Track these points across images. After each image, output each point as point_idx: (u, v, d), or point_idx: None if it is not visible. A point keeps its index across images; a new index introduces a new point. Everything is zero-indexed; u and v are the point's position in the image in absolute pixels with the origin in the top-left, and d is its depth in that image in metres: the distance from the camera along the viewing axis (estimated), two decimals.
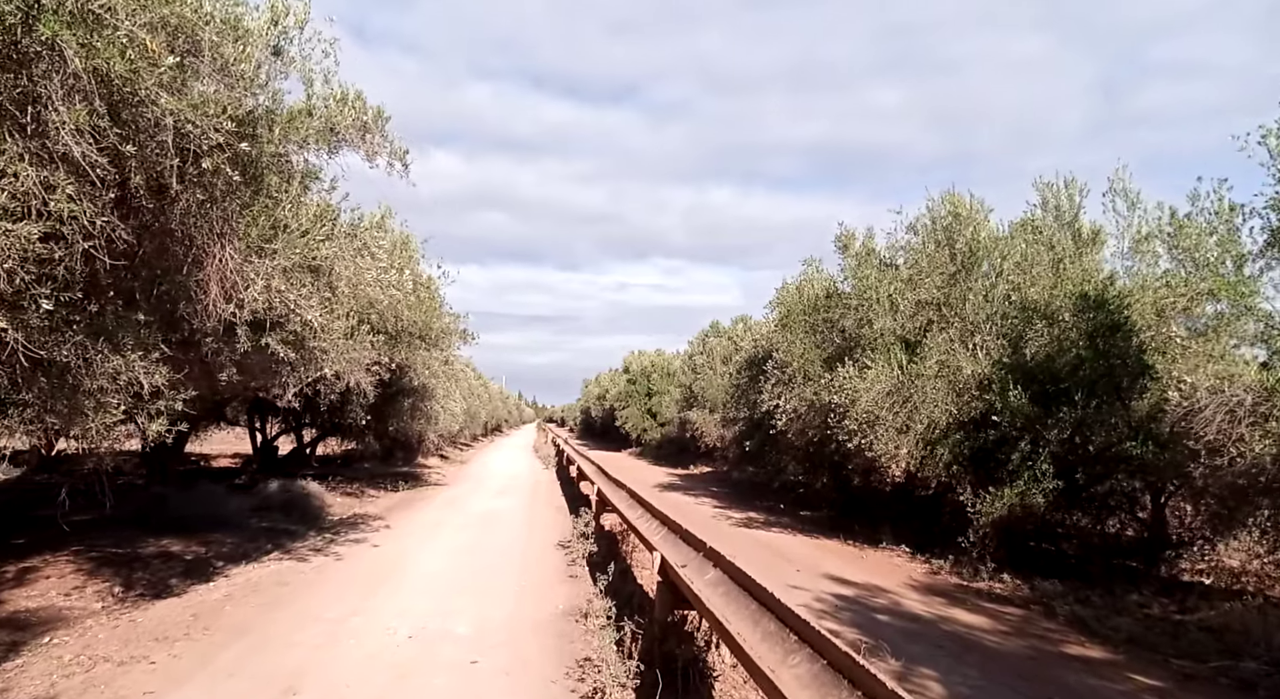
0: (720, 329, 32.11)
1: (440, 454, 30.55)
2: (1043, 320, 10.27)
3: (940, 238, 11.25)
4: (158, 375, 5.65)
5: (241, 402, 17.71)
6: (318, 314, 6.13)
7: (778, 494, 18.46)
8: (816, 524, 13.91)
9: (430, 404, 20.70)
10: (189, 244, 5.77)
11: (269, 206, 5.90)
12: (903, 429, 10.64)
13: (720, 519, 14.39)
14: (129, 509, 12.06)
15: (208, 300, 5.86)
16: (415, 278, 15.41)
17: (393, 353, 14.58)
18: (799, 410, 13.58)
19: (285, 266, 5.98)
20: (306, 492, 14.53)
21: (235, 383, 8.04)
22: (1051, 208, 11.11)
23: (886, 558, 10.86)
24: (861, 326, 13.16)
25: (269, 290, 5.83)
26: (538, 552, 10.22)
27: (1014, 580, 9.00)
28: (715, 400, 27.15)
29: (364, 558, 9.66)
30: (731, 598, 4.62)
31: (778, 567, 9.69)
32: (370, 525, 12.51)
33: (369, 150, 6.85)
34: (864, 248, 14.48)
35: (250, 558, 9.57)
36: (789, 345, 14.48)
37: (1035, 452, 9.33)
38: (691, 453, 29.79)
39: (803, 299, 14.95)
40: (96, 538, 10.14)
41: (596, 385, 59.12)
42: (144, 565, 8.72)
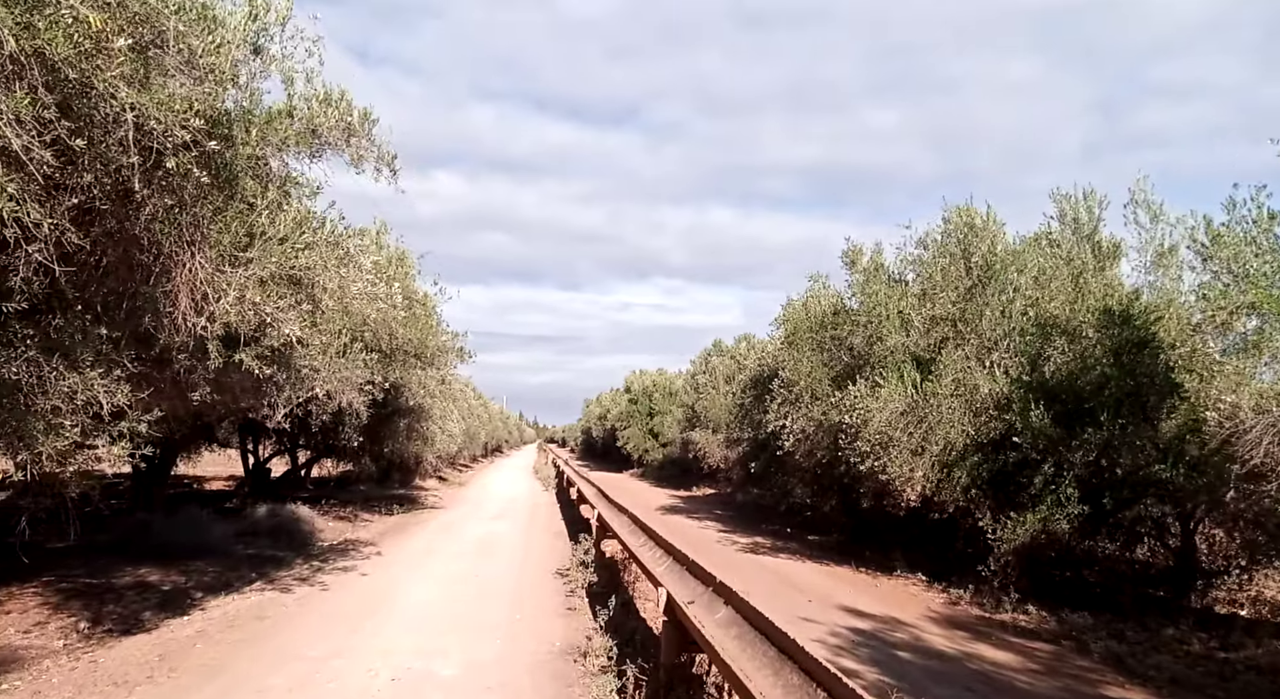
0: (723, 348, 31.65)
1: (438, 476, 29.98)
2: (1063, 337, 9.82)
3: (955, 251, 10.82)
4: (120, 394, 5.20)
5: (232, 423, 17.24)
6: (297, 328, 5.68)
7: (784, 517, 17.93)
8: (826, 549, 13.38)
9: (427, 425, 20.20)
10: (156, 252, 5.34)
11: (244, 212, 5.48)
12: (917, 451, 10.15)
13: (725, 544, 13.86)
14: (109, 536, 11.58)
15: (177, 313, 5.42)
16: (411, 294, 15.00)
17: (387, 372, 14.15)
18: (807, 431, 13.09)
19: (261, 277, 5.54)
20: (296, 516, 14.03)
21: (214, 402, 7.58)
22: (1069, 220, 10.70)
23: (901, 586, 10.33)
24: (871, 344, 12.72)
25: (243, 302, 5.38)
26: (534, 581, 9.70)
27: (1039, 612, 8.48)
28: (719, 420, 26.64)
29: (351, 588, 9.15)
30: (746, 642, 4.13)
31: (788, 597, 9.17)
32: (360, 552, 11.99)
33: (355, 155, 6.44)
34: (872, 263, 14.06)
35: (231, 588, 9.07)
36: (795, 363, 14.02)
37: (1060, 475, 8.84)
38: (694, 474, 29.23)
39: (809, 316, 14.51)
40: (72, 567, 9.65)
41: (598, 405, 58.56)
42: (116, 597, 8.21)
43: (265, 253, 5.50)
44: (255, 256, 5.49)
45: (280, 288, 5.64)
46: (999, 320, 10.21)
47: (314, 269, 5.84)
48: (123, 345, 5.73)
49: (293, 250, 5.61)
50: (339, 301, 6.90)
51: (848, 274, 14.55)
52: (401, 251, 15.61)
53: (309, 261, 5.72)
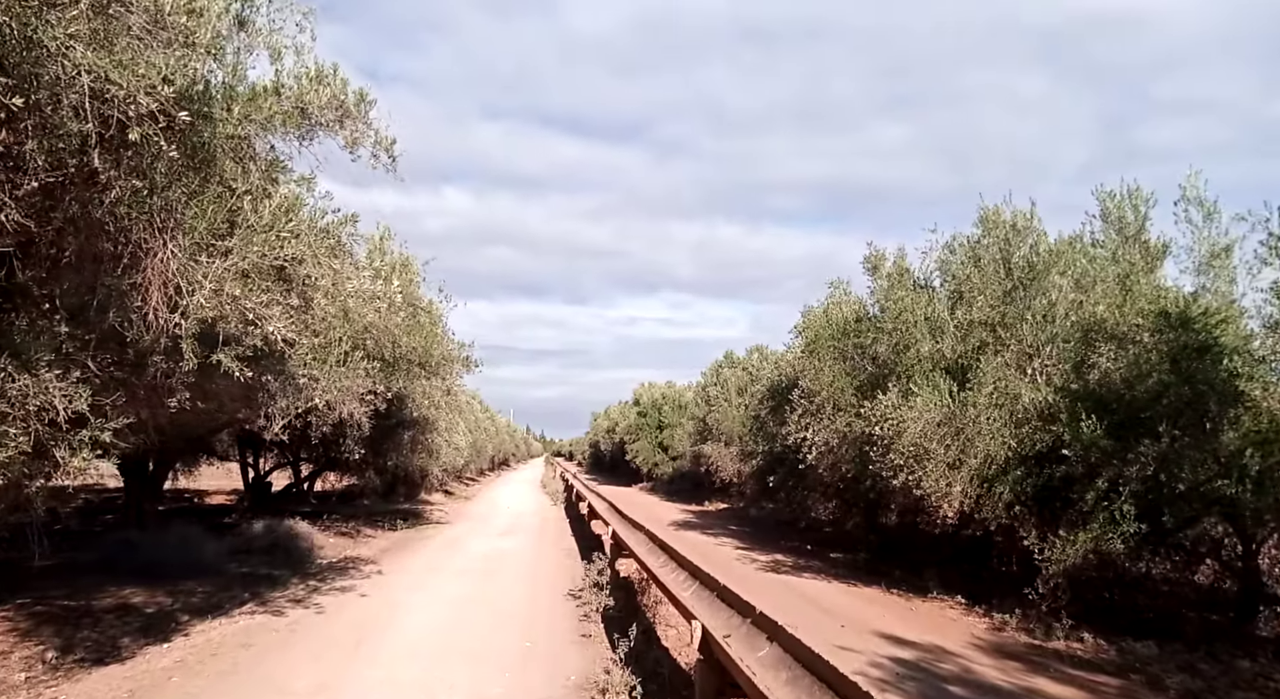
0: (735, 359, 31.00)
1: (445, 489, 29.34)
2: (1110, 342, 9.16)
3: (993, 252, 10.17)
4: (79, 399, 4.60)
5: (231, 435, 16.68)
6: (283, 326, 5.08)
7: (804, 534, 17.23)
8: (851, 568, 12.67)
9: (432, 437, 19.61)
10: (124, 240, 4.76)
11: (222, 197, 4.90)
12: (954, 464, 9.47)
13: (745, 563, 13.16)
14: (96, 554, 10.98)
15: (147, 308, 4.83)
16: (414, 301, 14.44)
17: (389, 381, 13.55)
18: (831, 443, 12.43)
19: (243, 268, 4.95)
20: (295, 532, 13.41)
21: (198, 410, 6.98)
22: (1113, 219, 10.05)
23: (939, 610, 9.63)
24: (898, 352, 12.06)
25: (220, 296, 4.79)
26: (545, 604, 9.04)
27: (1095, 640, 7.78)
28: (731, 433, 25.96)
29: (348, 611, 8.51)
30: (802, 690, 3.48)
31: (819, 621, 8.48)
32: (361, 571, 11.35)
33: (349, 138, 5.87)
34: (897, 268, 13.43)
35: (220, 610, 8.44)
36: (816, 373, 13.36)
37: (1114, 490, 8.16)
38: (706, 488, 28.51)
39: (830, 323, 13.85)
40: (51, 587, 9.04)
41: (606, 418, 57.84)
42: (94, 622, 7.59)
43: (246, 242, 4.92)
44: (235, 246, 4.91)
45: (264, 281, 5.04)
46: (1041, 325, 9.56)
47: (302, 261, 5.25)
48: (90, 345, 5.15)
49: (277, 239, 5.02)
50: (333, 300, 6.30)
51: (870, 280, 13.93)
52: (405, 258, 15.03)
53: (296, 252, 5.12)
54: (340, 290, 6.36)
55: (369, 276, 6.48)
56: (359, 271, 6.63)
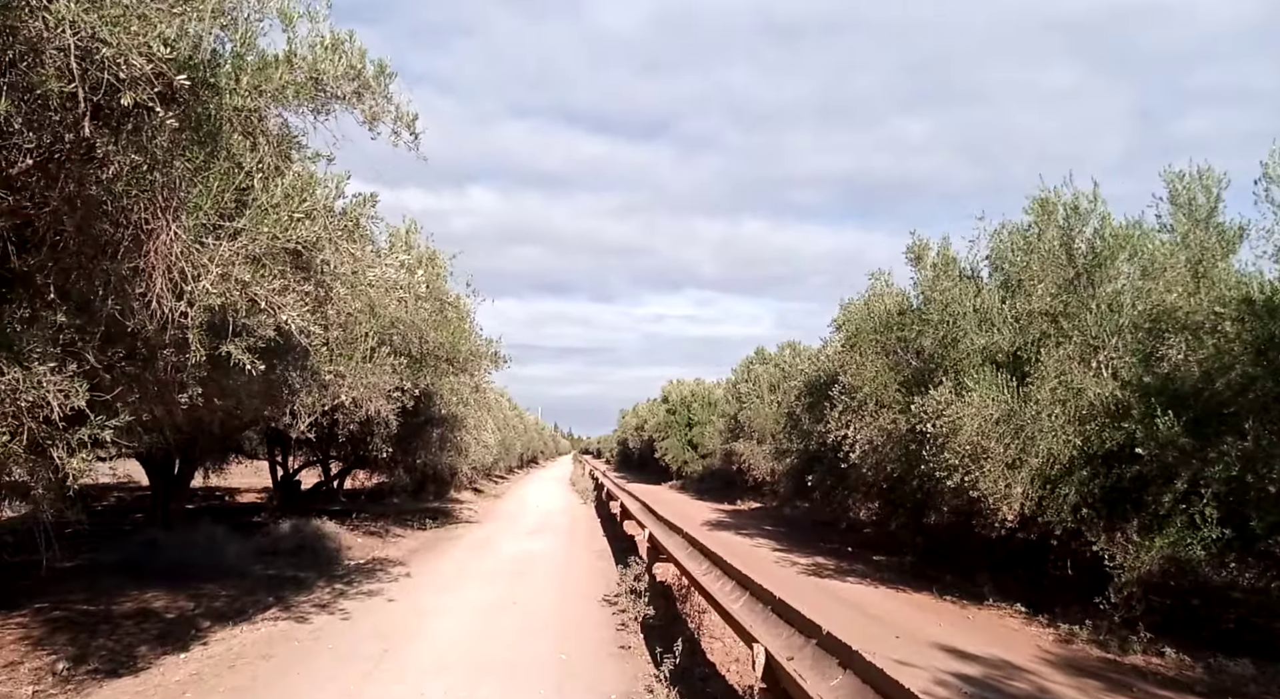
0: (766, 355, 30.39)
1: (474, 487, 29.08)
2: (1182, 332, 8.52)
3: (1053, 237, 9.52)
4: (76, 394, 4.21)
5: (260, 433, 16.46)
6: (297, 315, 4.66)
7: (843, 535, 16.64)
8: (897, 572, 12.09)
9: (460, 435, 19.27)
10: (123, 221, 4.36)
11: (230, 173, 4.48)
12: (1014, 464, 8.88)
13: (784, 565, 12.63)
14: (119, 555, 10.73)
15: (150, 295, 4.43)
16: (442, 296, 14.05)
17: (417, 378, 13.18)
18: (875, 441, 11.85)
19: (253, 252, 4.53)
20: (322, 533, 13.11)
21: (213, 407, 6.61)
22: (1183, 202, 9.36)
23: (997, 619, 9.04)
24: (945, 346, 11.45)
25: (228, 281, 4.37)
26: (579, 611, 8.59)
27: (1179, 656, 7.15)
28: (764, 430, 25.40)
29: (374, 617, 8.12)
30: None
31: (870, 631, 7.94)
32: (388, 573, 10.99)
33: (367, 113, 5.43)
34: (942, 258, 12.80)
35: (243, 616, 8.10)
36: (858, 368, 12.78)
37: (1194, 492, 7.52)
38: (738, 487, 27.94)
39: (872, 316, 13.25)
40: (72, 590, 8.77)
41: (634, 416, 57.42)
42: (112, 629, 7.27)
43: (256, 223, 4.49)
44: (244, 227, 4.49)
45: (277, 267, 4.62)
46: (1106, 315, 8.91)
47: (319, 245, 4.82)
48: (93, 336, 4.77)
49: (290, 220, 4.59)
50: (354, 290, 5.88)
51: (913, 271, 13.31)
52: (432, 252, 14.61)
53: (311, 235, 4.69)
54: (361, 279, 5.91)
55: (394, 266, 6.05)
56: (381, 259, 6.17)
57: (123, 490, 21.23)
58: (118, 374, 5.41)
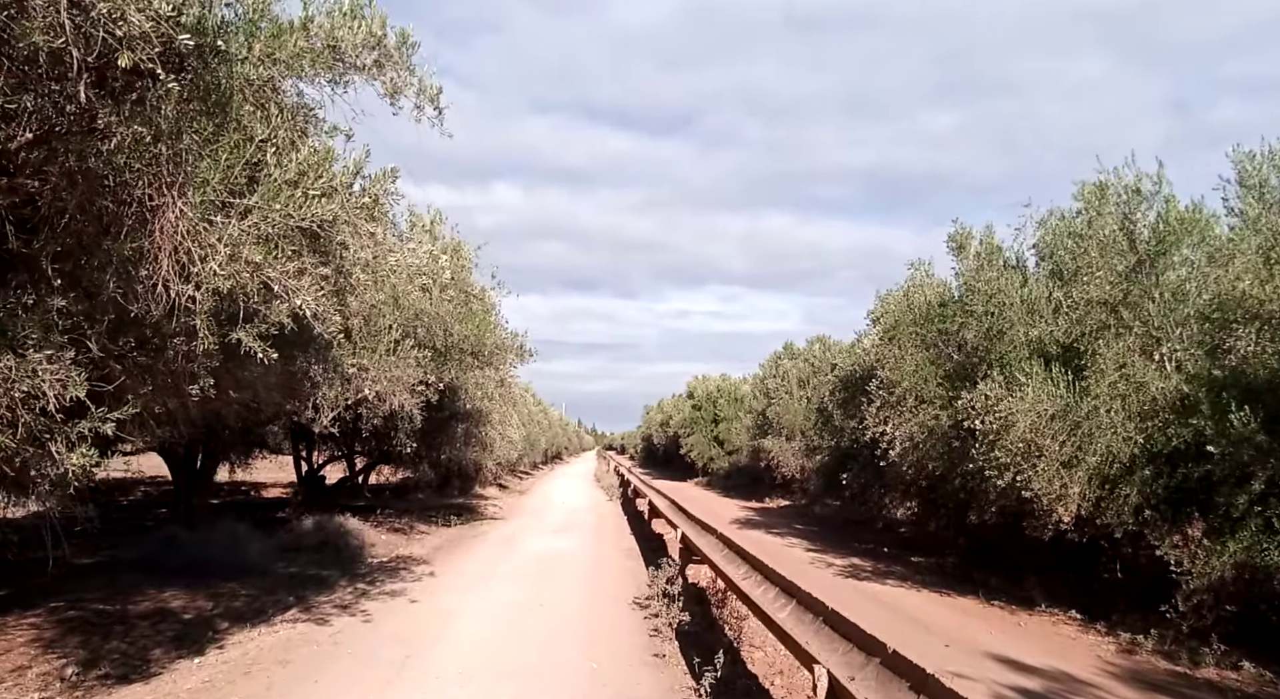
0: (795, 350, 29.86)
1: (499, 483, 28.86)
2: (1253, 322, 7.97)
3: (1113, 221, 8.97)
4: (74, 384, 3.89)
5: (284, 427, 16.27)
6: (312, 299, 4.32)
7: (877, 535, 16.13)
8: (938, 575, 11.60)
9: (485, 430, 18.97)
10: (126, 198, 4.04)
11: (241, 146, 4.14)
12: (1069, 463, 8.38)
13: (819, 566, 12.18)
14: (139, 552, 10.52)
15: (155, 278, 4.11)
16: (466, 288, 13.77)
17: (441, 371, 12.89)
18: (916, 438, 11.37)
19: (264, 232, 4.19)
20: (345, 529, 12.86)
21: (228, 400, 6.31)
22: (1253, 184, 8.77)
23: (1051, 626, 8.54)
24: (991, 338, 10.95)
25: (237, 261, 4.04)
26: (609, 614, 8.22)
27: (1258, 670, 6.64)
28: (793, 427, 24.92)
29: (395, 619, 7.80)
30: None
31: (916, 639, 7.50)
32: (412, 572, 10.70)
33: (389, 85, 5.07)
34: (986, 247, 12.28)
35: (262, 617, 7.82)
36: (897, 362, 12.31)
37: (1272, 494, 7.00)
38: (766, 484, 27.46)
39: (912, 308, 12.77)
40: (89, 589, 8.55)
41: (659, 412, 57.04)
42: (126, 630, 7.00)
43: (268, 200, 4.15)
44: (255, 204, 4.15)
45: (290, 247, 4.28)
46: (1170, 304, 8.38)
47: (336, 224, 4.47)
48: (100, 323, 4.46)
49: (304, 198, 4.24)
50: (375, 276, 5.53)
51: (954, 261, 12.81)
52: (457, 242, 14.37)
53: (327, 213, 4.34)
54: (382, 263, 5.57)
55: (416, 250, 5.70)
56: (403, 243, 5.81)
57: (149, 485, 21.21)
58: (130, 364, 5.13)
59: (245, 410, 7.13)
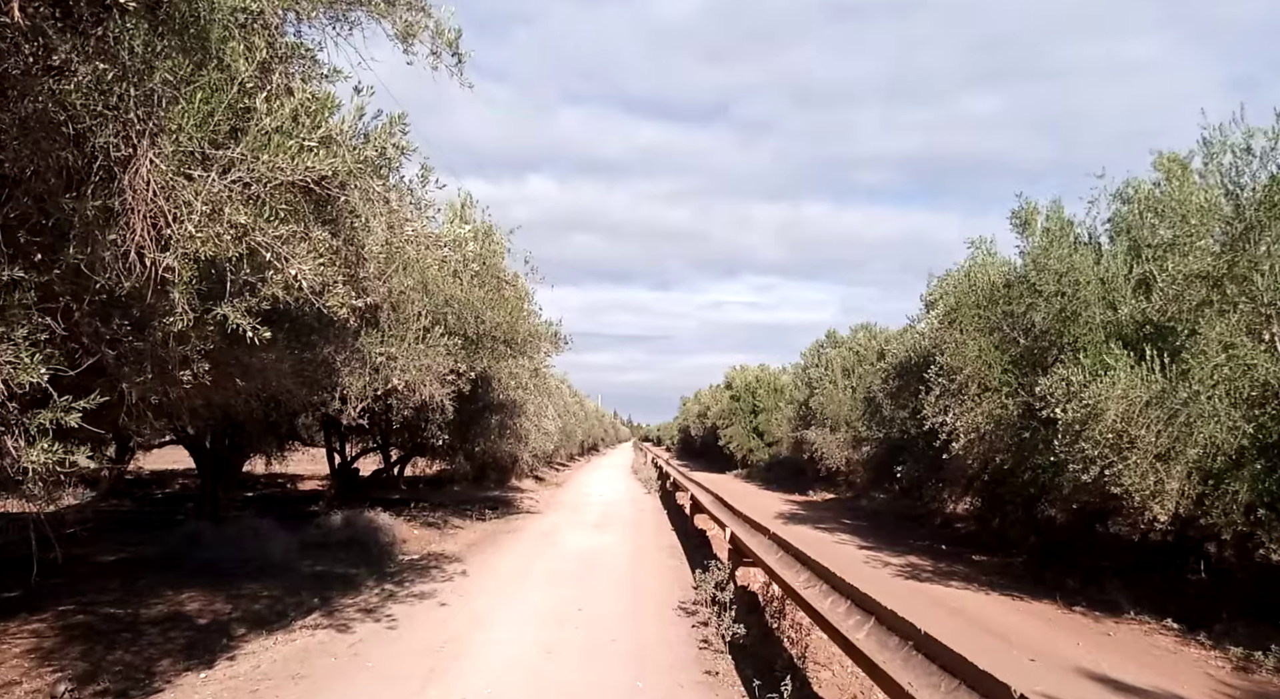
0: (838, 339, 28.86)
1: (535, 475, 28.39)
2: None
3: (1217, 184, 8.02)
4: (28, 369, 3.30)
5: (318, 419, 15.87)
6: (309, 269, 3.68)
7: (933, 531, 15.25)
8: (1006, 576, 10.73)
9: (520, 421, 18.43)
10: (89, 150, 3.43)
11: (222, 88, 3.50)
12: (1165, 455, 7.50)
13: (874, 565, 11.39)
14: (162, 549, 10.11)
15: (128, 242, 3.50)
16: (499, 273, 13.17)
17: (473, 360, 12.32)
18: (982, 428, 10.51)
19: (254, 191, 3.56)
20: (376, 525, 12.34)
21: (233, 388, 5.74)
22: None
23: (1144, 637, 7.68)
24: (1063, 320, 10.09)
25: (218, 222, 3.41)
26: (653, 621, 7.55)
27: None
28: (837, 417, 23.99)
29: (423, 626, 7.22)
30: None
31: (999, 652, 6.72)
32: (443, 571, 10.14)
33: (400, 27, 4.41)
34: (1055, 222, 11.34)
35: (282, 622, 7.29)
36: (958, 347, 11.42)
37: None
38: (809, 477, 26.59)
39: (974, 289, 11.86)
40: (105, 589, 8.10)
41: (696, 403, 56.24)
42: (134, 637, 6.50)
43: (255, 151, 3.50)
44: (240, 156, 3.51)
45: (282, 206, 3.64)
46: None
47: (338, 181, 3.82)
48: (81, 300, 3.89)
49: (299, 148, 3.60)
50: (387, 245, 4.88)
51: (1018, 238, 11.88)
52: (488, 226, 13.78)
53: (326, 168, 3.69)
54: (398, 234, 4.91)
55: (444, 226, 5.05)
56: (421, 211, 5.17)
57: (187, 477, 21.05)
58: (126, 348, 4.55)
59: (257, 401, 6.57)
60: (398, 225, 4.98)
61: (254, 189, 3.60)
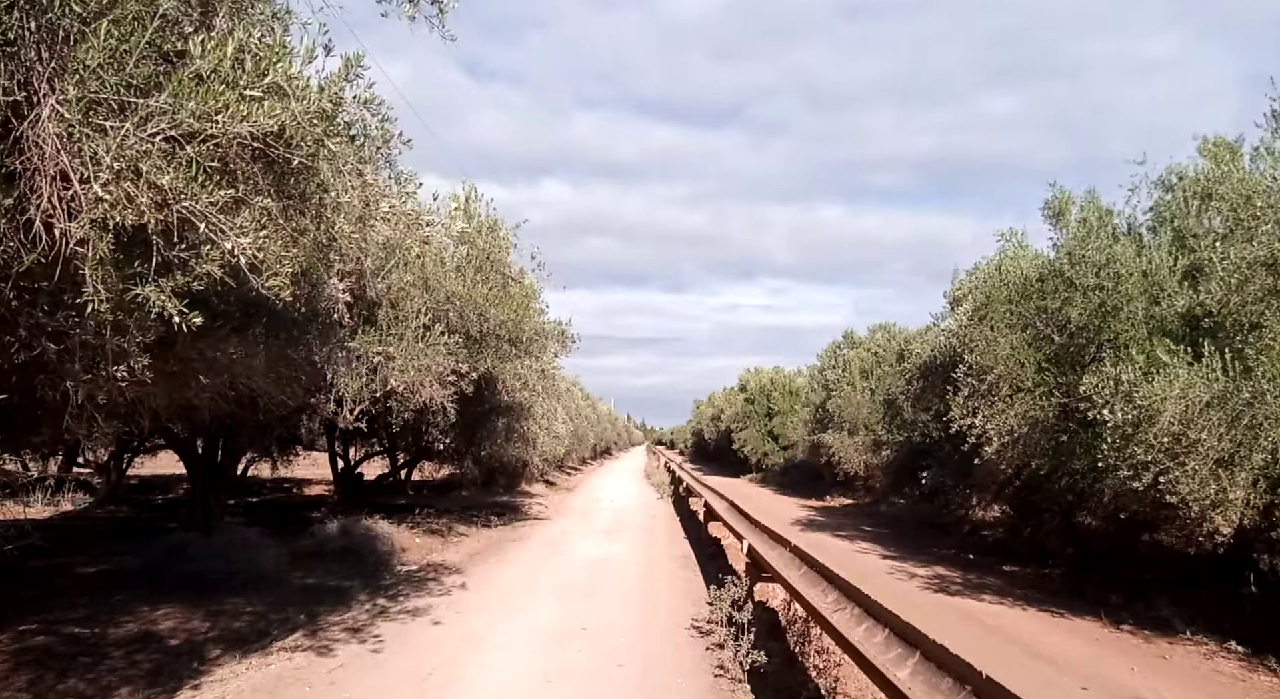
0: (856, 339, 28.10)
1: (546, 479, 27.82)
2: None
3: None
4: None
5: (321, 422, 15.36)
6: (248, 241, 3.09)
7: (960, 539, 14.52)
8: (1041, 589, 10.02)
9: (528, 425, 17.83)
10: None
11: (141, 20, 2.91)
12: (1227, 460, 6.81)
13: (899, 577, 10.71)
14: (145, 560, 9.55)
15: (32, 210, 2.92)
16: (503, 269, 12.59)
17: (475, 360, 11.74)
18: (1017, 431, 9.82)
19: (183, 144, 2.96)
20: (374, 533, 11.78)
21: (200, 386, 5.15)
22: None
23: (1204, 661, 6.97)
24: (1104, 315, 9.43)
25: (136, 182, 2.82)
26: (664, 645, 6.91)
27: None
28: (855, 420, 23.27)
29: (412, 648, 6.62)
30: None
31: (1048, 679, 6.07)
32: (441, 583, 9.55)
33: None
34: (1091, 212, 10.66)
35: (260, 642, 6.70)
36: (989, 344, 10.75)
37: None
38: (826, 481, 25.87)
39: (1006, 283, 11.17)
40: (74, 605, 7.55)
41: (709, 406, 55.54)
42: (94, 662, 5.92)
43: (181, 98, 2.91)
44: (165, 106, 2.92)
45: (213, 164, 3.05)
46: None
47: (288, 139, 3.23)
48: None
49: (240, 98, 3.00)
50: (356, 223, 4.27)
51: (1051, 230, 11.23)
52: (493, 221, 13.21)
53: (273, 123, 3.09)
54: (374, 210, 4.31)
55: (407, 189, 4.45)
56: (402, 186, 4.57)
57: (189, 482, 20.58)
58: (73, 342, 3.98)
59: (226, 401, 5.98)
60: (373, 201, 4.37)
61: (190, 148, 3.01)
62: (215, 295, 5.30)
